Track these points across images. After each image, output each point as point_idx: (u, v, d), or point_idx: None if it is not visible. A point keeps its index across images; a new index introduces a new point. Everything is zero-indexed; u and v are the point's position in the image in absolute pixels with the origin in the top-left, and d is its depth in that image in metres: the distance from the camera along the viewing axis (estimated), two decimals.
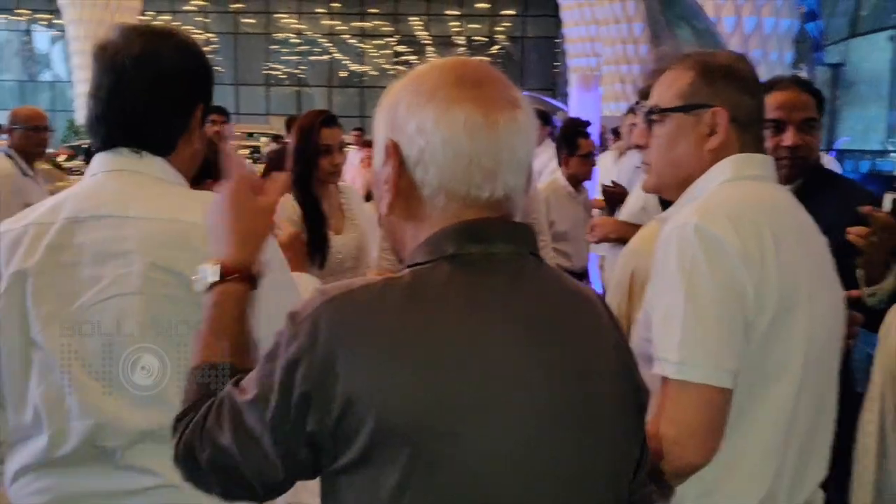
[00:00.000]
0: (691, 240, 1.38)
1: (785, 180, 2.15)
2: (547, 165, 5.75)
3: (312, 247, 2.86)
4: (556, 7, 21.15)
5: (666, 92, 1.57)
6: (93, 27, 19.01)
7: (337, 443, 0.93)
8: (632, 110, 4.83)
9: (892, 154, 13.72)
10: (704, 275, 1.34)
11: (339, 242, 3.04)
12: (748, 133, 1.54)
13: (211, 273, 1.18)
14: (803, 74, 16.10)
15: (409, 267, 1.01)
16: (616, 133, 7.83)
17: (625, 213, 3.43)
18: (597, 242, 3.32)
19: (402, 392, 0.92)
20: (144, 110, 1.43)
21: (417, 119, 1.00)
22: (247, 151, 12.93)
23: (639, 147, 2.17)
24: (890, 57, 13.34)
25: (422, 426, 0.92)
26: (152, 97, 1.42)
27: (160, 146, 1.45)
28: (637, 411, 1.09)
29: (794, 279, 1.42)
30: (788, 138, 2.29)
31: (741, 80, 1.54)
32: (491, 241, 1.00)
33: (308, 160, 3.02)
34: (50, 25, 28.16)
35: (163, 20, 31.43)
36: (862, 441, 1.85)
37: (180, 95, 1.46)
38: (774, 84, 2.41)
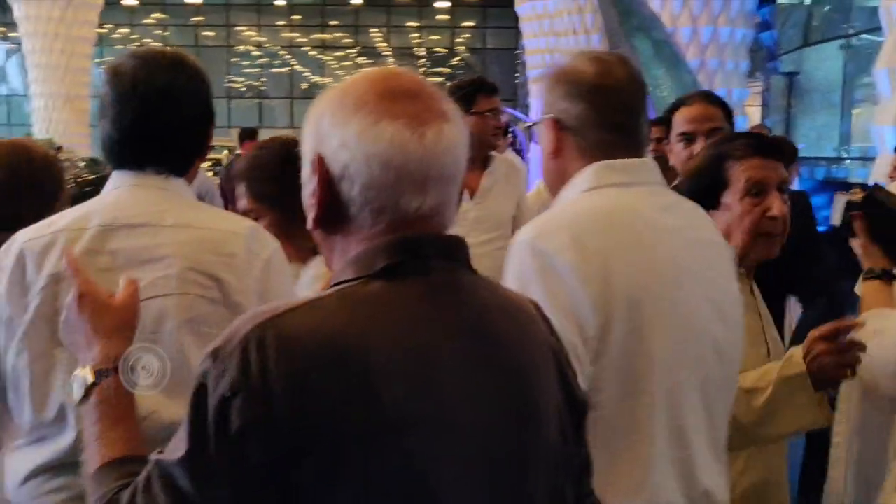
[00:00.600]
0: (524, 256, 1.38)
1: None
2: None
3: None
4: (515, 19, 21.30)
5: (539, 104, 1.62)
6: (49, 41, 18.78)
7: (289, 469, 0.89)
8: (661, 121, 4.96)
9: (846, 161, 13.99)
10: (535, 293, 1.28)
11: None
12: (587, 138, 1.50)
13: (81, 379, 1.17)
14: (759, 83, 16.39)
15: (335, 284, 0.99)
16: None
17: None
18: None
19: (351, 410, 0.90)
20: (170, 137, 1.54)
21: (341, 133, 0.98)
22: (207, 164, 12.82)
23: None
24: (841, 66, 13.62)
25: (371, 444, 0.90)
26: (177, 126, 1.54)
27: (181, 168, 1.57)
28: (574, 415, 1.09)
29: (647, 291, 1.39)
30: (697, 148, 2.41)
31: (570, 85, 1.52)
32: (421, 256, 0.98)
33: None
34: (5, 39, 27.71)
35: (121, 33, 31.13)
36: (833, 452, 1.88)
37: (199, 122, 1.59)
38: (684, 100, 2.59)
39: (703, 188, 1.83)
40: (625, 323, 1.33)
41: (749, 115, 14.71)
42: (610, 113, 1.51)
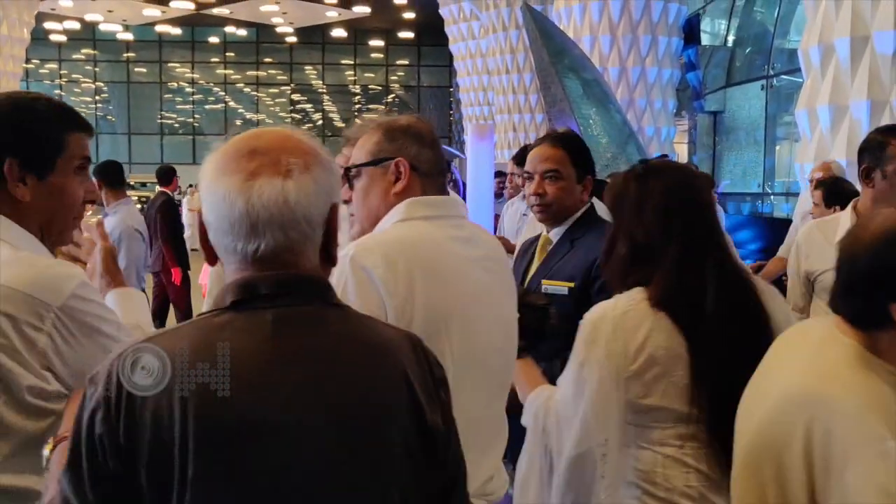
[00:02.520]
0: (346, 268, 1.62)
1: (544, 222, 2.66)
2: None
3: None
4: (450, 57, 21.58)
5: (359, 152, 1.83)
6: None
7: (147, 477, 1.03)
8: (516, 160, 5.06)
9: (770, 196, 14.43)
10: (353, 303, 1.44)
11: None
12: (430, 179, 1.80)
13: (47, 450, 1.33)
14: (686, 121, 16.85)
15: (199, 315, 1.16)
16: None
17: None
18: None
19: (196, 420, 1.03)
20: None
21: (203, 188, 1.15)
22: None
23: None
24: (763, 105, 14.09)
25: (212, 459, 1.03)
26: None
27: None
28: (426, 441, 1.18)
29: (441, 307, 1.66)
30: (530, 187, 2.67)
31: (419, 135, 1.80)
32: (261, 294, 1.12)
33: None
34: None
35: (49, 68, 30.56)
36: None
37: None
38: (539, 141, 2.78)
39: None
40: (420, 333, 1.42)
41: (677, 153, 15.09)
42: (440, 159, 1.84)
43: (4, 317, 1.42)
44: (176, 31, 28.40)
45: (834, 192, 4.36)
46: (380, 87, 32.38)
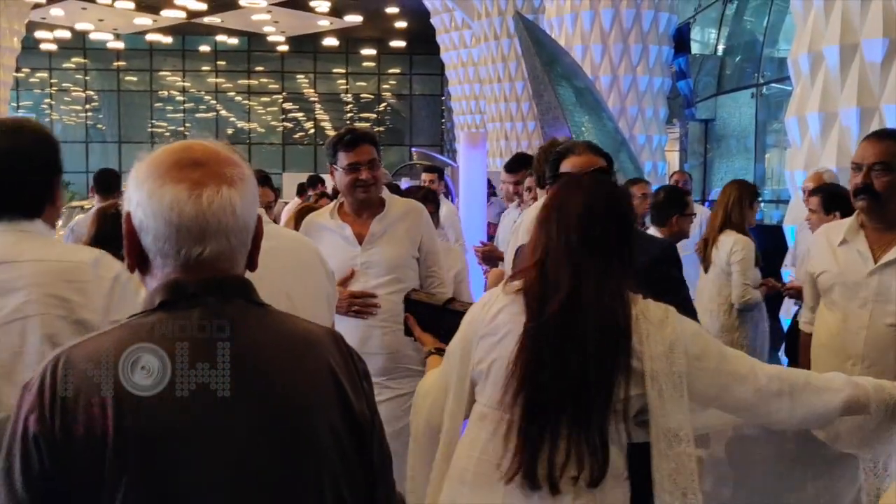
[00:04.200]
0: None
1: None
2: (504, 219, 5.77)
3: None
4: (441, 66, 21.62)
5: None
6: None
7: (79, 476, 1.09)
8: (511, 169, 5.08)
9: (761, 203, 14.49)
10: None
11: None
12: None
13: None
14: (677, 129, 16.92)
15: (134, 318, 1.21)
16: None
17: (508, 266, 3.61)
18: None
19: (123, 419, 1.10)
20: (16, 191, 1.90)
21: (138, 196, 1.20)
22: None
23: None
24: (753, 112, 14.17)
25: (134, 448, 1.09)
26: (21, 181, 1.89)
27: (32, 213, 1.92)
28: (354, 432, 1.26)
29: None
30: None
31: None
32: (192, 295, 1.19)
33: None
34: None
35: (39, 77, 30.48)
36: None
37: (42, 175, 1.95)
38: (571, 149, 2.86)
39: None
40: None
41: (669, 161, 15.16)
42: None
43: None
44: (167, 39, 28.37)
45: (832, 198, 4.39)
46: (372, 96, 32.40)
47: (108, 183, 5.74)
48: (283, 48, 29.93)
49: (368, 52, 31.08)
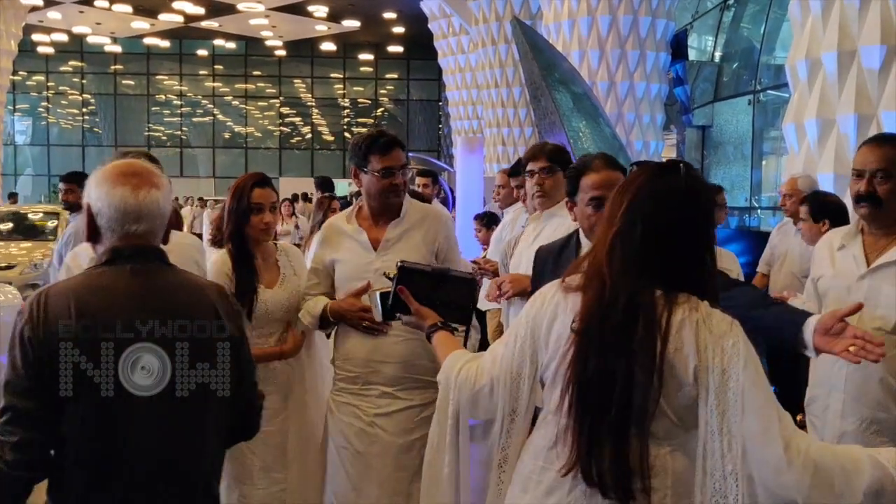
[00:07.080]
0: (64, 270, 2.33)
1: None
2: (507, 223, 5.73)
3: (239, 296, 2.99)
4: (439, 71, 21.65)
5: None
6: None
7: (52, 358, 1.72)
8: (514, 173, 5.04)
9: (757, 210, 14.51)
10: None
11: (267, 295, 3.24)
12: None
13: None
14: (674, 135, 16.94)
15: (89, 268, 1.89)
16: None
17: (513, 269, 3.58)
18: (508, 298, 3.36)
19: (69, 338, 1.73)
20: None
21: (97, 193, 1.86)
22: None
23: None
24: (750, 119, 14.19)
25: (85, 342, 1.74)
26: None
27: None
28: (234, 358, 1.89)
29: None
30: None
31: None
32: (126, 256, 1.84)
33: (240, 218, 3.26)
34: None
35: (36, 80, 30.47)
36: None
37: None
38: (589, 165, 2.76)
39: None
40: None
41: None
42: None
43: None
44: (164, 43, 28.39)
45: (821, 207, 4.38)
46: (369, 101, 32.42)
47: None
48: (281, 53, 29.96)
49: (366, 56, 31.12)
